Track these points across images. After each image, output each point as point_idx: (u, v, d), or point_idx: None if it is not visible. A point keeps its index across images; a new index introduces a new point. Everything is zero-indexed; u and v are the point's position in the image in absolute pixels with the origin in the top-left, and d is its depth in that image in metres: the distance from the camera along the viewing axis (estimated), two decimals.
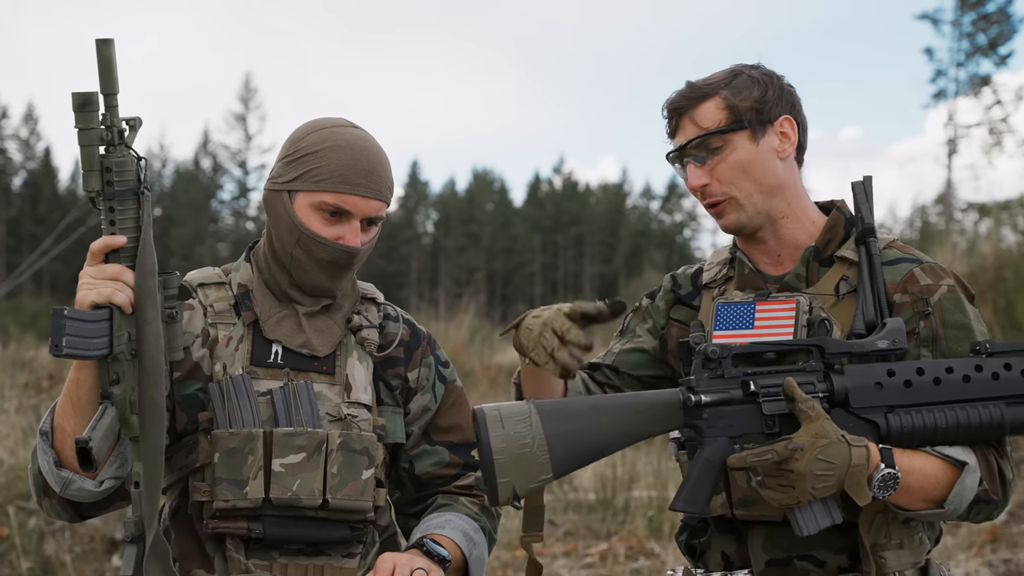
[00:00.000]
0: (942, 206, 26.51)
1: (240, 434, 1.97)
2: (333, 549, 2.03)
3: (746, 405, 1.76)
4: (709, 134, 1.96)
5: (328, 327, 2.10)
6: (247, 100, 54.70)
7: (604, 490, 6.63)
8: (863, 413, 1.77)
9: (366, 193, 2.03)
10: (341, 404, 2.05)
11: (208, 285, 2.12)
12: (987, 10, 32.73)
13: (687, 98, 2.00)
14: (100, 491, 1.92)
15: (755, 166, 1.97)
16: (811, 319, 1.92)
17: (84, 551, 5.60)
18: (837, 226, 2.02)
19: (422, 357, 2.19)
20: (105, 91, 1.76)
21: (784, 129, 2.00)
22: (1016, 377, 1.81)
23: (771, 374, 1.78)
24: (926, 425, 1.77)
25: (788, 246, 2.03)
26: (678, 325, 2.12)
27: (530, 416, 1.69)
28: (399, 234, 58.39)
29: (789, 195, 2.02)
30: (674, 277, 2.19)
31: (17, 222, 49.31)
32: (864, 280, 1.92)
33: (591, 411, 1.73)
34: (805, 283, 1.99)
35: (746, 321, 1.98)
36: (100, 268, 1.81)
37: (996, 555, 5.29)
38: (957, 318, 1.92)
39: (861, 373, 1.79)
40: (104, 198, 1.79)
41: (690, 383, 1.76)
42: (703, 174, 1.98)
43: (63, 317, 1.73)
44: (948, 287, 1.94)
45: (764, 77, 2.01)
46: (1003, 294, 7.48)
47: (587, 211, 62.16)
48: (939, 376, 1.79)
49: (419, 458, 2.16)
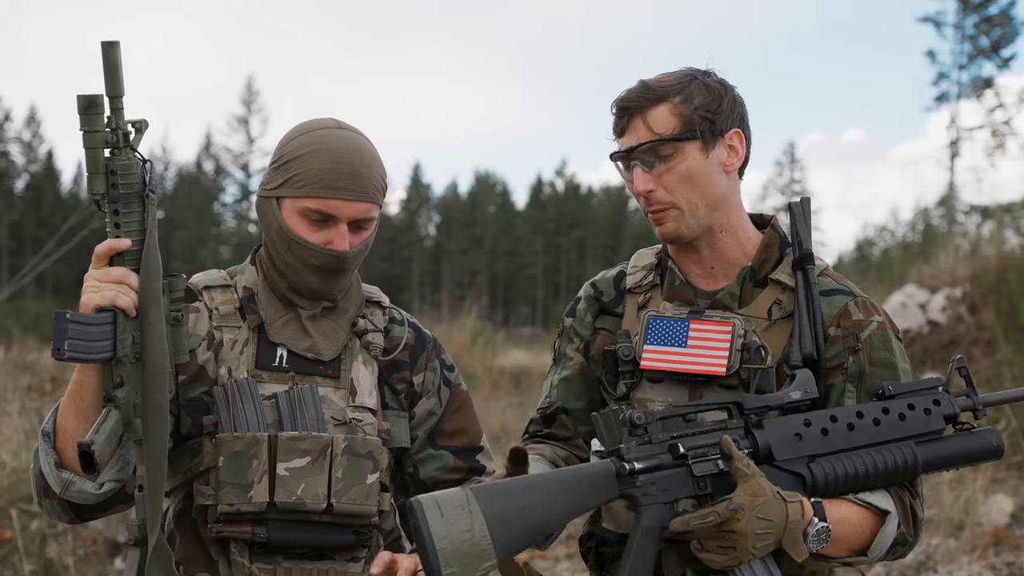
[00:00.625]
0: (944, 209, 26.49)
1: (245, 438, 1.97)
2: (338, 554, 2.03)
3: (676, 469, 1.77)
4: (662, 140, 1.94)
5: (333, 331, 2.10)
6: (249, 103, 54.74)
7: None
8: (787, 466, 1.80)
9: (349, 196, 2.01)
10: (346, 408, 2.05)
11: (213, 288, 2.11)
12: (989, 13, 32.72)
13: (641, 98, 1.97)
14: (100, 493, 1.91)
15: (702, 177, 1.96)
16: (745, 343, 1.94)
17: (87, 554, 5.60)
18: (772, 246, 2.02)
19: (427, 361, 2.19)
20: (110, 94, 1.76)
21: (733, 143, 1.99)
22: (921, 416, 1.88)
23: (696, 434, 1.79)
24: (847, 472, 1.81)
25: (722, 260, 2.02)
26: (604, 333, 2.11)
27: (468, 502, 1.66)
28: (401, 237, 58.39)
29: (730, 209, 2.01)
30: (594, 285, 2.17)
31: (19, 225, 49.30)
32: (801, 308, 1.93)
33: (528, 491, 1.71)
34: (738, 302, 1.99)
35: (679, 338, 1.97)
36: (104, 271, 1.81)
37: (999, 558, 5.28)
38: (884, 356, 1.95)
39: (780, 426, 1.82)
40: (109, 201, 1.79)
41: (619, 451, 1.76)
42: (650, 180, 1.96)
43: (65, 321, 1.72)
44: (878, 323, 1.97)
45: (718, 87, 1.99)
46: (1006, 296, 7.46)
47: (589, 214, 62.15)
48: (851, 422, 1.84)
49: (424, 463, 2.16)
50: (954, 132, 30.40)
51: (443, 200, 64.86)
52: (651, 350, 1.98)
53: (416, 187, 62.85)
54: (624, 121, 1.98)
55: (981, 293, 7.63)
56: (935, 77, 33.75)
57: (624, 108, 1.98)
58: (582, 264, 59.44)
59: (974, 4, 32.61)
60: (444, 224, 63.20)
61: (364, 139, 2.09)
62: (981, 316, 7.54)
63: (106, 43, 1.74)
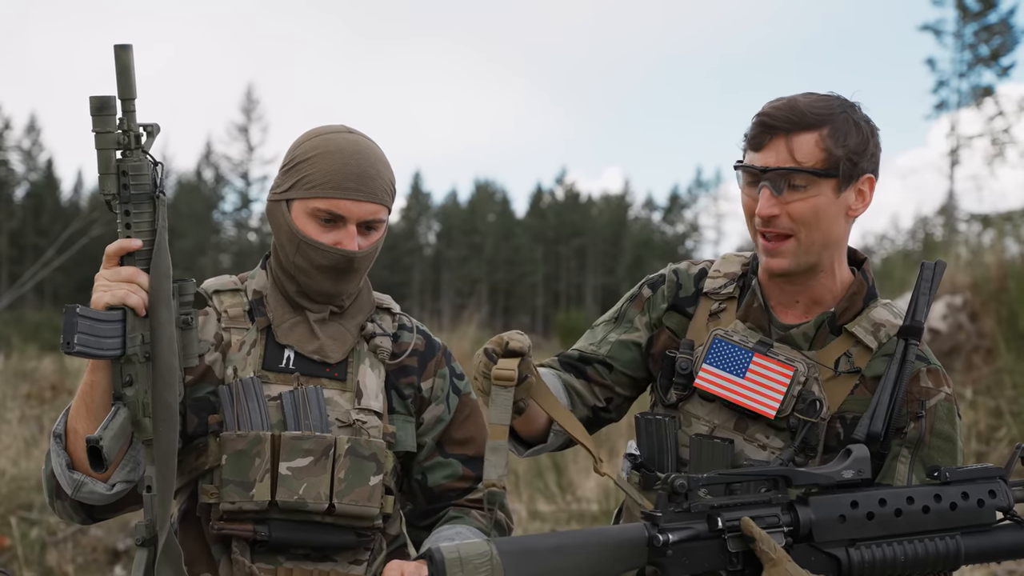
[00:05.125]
0: (945, 217, 26.49)
1: (248, 436, 1.98)
2: (339, 555, 2.03)
3: (711, 541, 1.69)
4: (801, 170, 1.87)
5: (341, 334, 2.11)
6: (249, 111, 54.82)
7: (607, 500, 6.62)
8: (825, 547, 1.73)
9: (358, 197, 2.03)
10: (351, 410, 2.06)
11: (223, 292, 2.13)
12: (989, 21, 32.83)
13: (789, 121, 1.88)
14: (111, 494, 1.93)
15: (827, 216, 1.91)
16: (803, 392, 1.91)
17: (86, 561, 5.59)
18: (858, 295, 1.99)
19: (436, 368, 2.20)
20: (123, 96, 1.78)
21: (864, 188, 1.94)
22: (972, 507, 1.79)
23: (737, 507, 1.70)
24: (885, 559, 1.74)
25: (809, 298, 1.99)
26: (668, 334, 2.09)
27: (491, 559, 1.60)
28: (401, 245, 58.43)
29: (836, 251, 1.97)
30: (677, 273, 2.14)
31: (19, 233, 49.34)
32: (888, 382, 1.87)
33: (554, 552, 1.64)
34: (809, 344, 1.96)
35: (739, 368, 1.95)
36: (115, 270, 1.82)
37: (1002, 566, 5.27)
38: (946, 429, 1.92)
39: (826, 505, 1.74)
40: (120, 201, 1.81)
41: (655, 518, 1.68)
42: (776, 205, 1.90)
43: (75, 315, 1.73)
44: (946, 395, 1.94)
45: (866, 128, 1.93)
46: (1006, 304, 7.47)
47: (589, 222, 62.18)
48: (900, 507, 1.76)
49: (432, 470, 2.16)
50: (954, 140, 30.47)
51: (443, 208, 64.95)
52: (708, 371, 1.96)
53: (416, 195, 62.94)
54: (765, 138, 1.90)
55: (981, 301, 7.63)
56: (935, 85, 33.87)
57: (769, 126, 1.90)
58: (582, 273, 59.48)
59: (974, 13, 32.70)
60: (444, 232, 63.29)
61: (373, 143, 2.11)
62: (981, 324, 7.55)
63: (119, 46, 1.77)
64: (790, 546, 1.70)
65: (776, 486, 1.74)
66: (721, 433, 1.98)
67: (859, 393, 1.95)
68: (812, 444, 1.91)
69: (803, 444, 1.91)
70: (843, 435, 1.93)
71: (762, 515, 1.70)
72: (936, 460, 1.89)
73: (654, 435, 1.99)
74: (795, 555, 1.69)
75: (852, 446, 1.78)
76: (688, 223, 64.17)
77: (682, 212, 64.26)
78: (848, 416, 1.94)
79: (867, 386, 1.95)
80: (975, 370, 7.08)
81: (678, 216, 64.44)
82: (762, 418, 1.94)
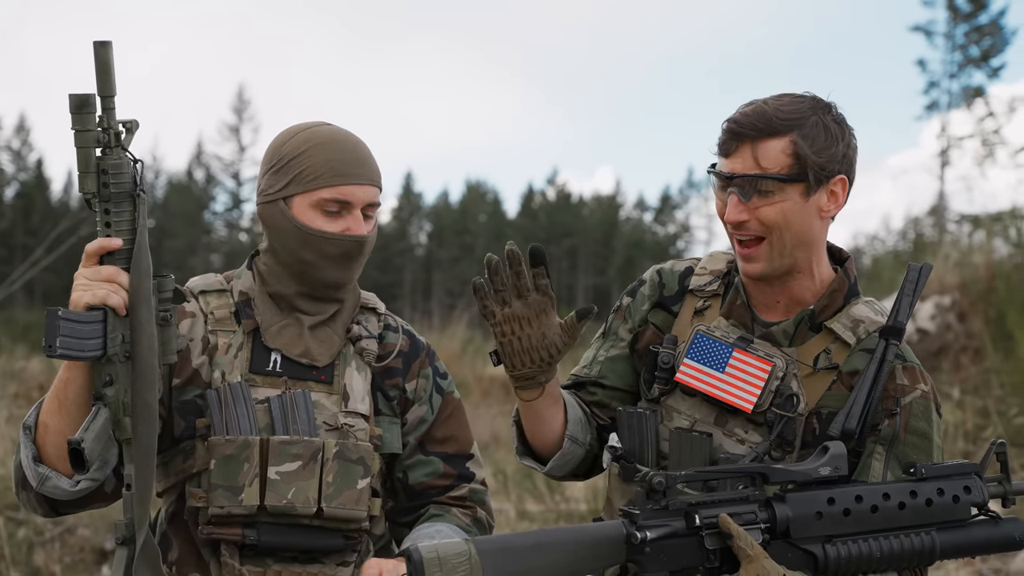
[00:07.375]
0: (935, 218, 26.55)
1: (236, 441, 1.98)
2: (327, 557, 2.03)
3: (688, 538, 1.70)
4: (766, 177, 1.88)
5: (328, 337, 2.11)
6: (240, 111, 54.72)
7: (595, 500, 6.62)
8: (802, 543, 1.74)
9: (361, 180, 2.05)
10: (338, 413, 2.06)
11: (209, 292, 2.12)
12: (980, 22, 32.94)
13: (755, 128, 1.89)
14: (75, 491, 1.91)
15: (797, 219, 1.91)
16: (781, 387, 1.92)
17: (74, 561, 5.58)
18: (838, 292, 2.00)
19: (420, 368, 2.20)
20: (102, 93, 1.77)
21: (836, 189, 1.94)
22: (948, 503, 1.80)
23: (715, 504, 1.72)
24: (861, 555, 1.76)
25: (790, 298, 2.00)
26: (653, 330, 2.11)
27: (470, 558, 1.61)
28: (392, 245, 58.37)
29: (812, 252, 1.97)
30: (660, 273, 2.15)
31: (9, 233, 49.17)
32: (866, 381, 1.89)
33: (533, 550, 1.65)
34: (789, 341, 1.98)
35: (719, 362, 1.96)
36: (95, 270, 1.81)
37: (986, 564, 5.29)
38: (921, 426, 1.92)
39: (803, 501, 1.75)
40: (100, 200, 1.80)
41: (633, 516, 1.69)
42: (744, 211, 1.91)
43: (57, 318, 1.73)
44: (922, 392, 1.94)
45: (837, 131, 1.92)
46: (995, 305, 7.50)
47: (580, 223, 62.18)
48: (876, 504, 1.77)
49: (413, 468, 2.16)
50: (945, 141, 30.53)
51: (434, 209, 64.89)
52: (690, 365, 1.98)
53: (408, 196, 62.89)
54: (732, 144, 1.91)
55: (970, 301, 7.66)
56: (926, 86, 33.97)
57: (736, 133, 1.90)
58: (573, 273, 59.49)
59: (964, 14, 32.80)
60: (435, 233, 63.22)
61: (354, 134, 2.13)
62: (970, 324, 7.58)
63: (98, 43, 1.76)
64: (767, 543, 1.71)
65: (754, 483, 1.75)
66: (701, 427, 1.99)
67: (836, 389, 1.96)
68: (789, 439, 1.93)
69: (780, 439, 1.92)
70: (819, 431, 1.94)
71: (739, 512, 1.71)
72: (912, 457, 1.89)
73: (635, 429, 2.00)
74: (772, 551, 1.70)
75: (829, 443, 1.79)
76: (679, 224, 64.27)
77: (673, 213, 64.35)
78: (825, 412, 1.94)
79: (844, 382, 1.96)
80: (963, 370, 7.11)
81: (669, 217, 64.49)
82: (741, 413, 1.95)
